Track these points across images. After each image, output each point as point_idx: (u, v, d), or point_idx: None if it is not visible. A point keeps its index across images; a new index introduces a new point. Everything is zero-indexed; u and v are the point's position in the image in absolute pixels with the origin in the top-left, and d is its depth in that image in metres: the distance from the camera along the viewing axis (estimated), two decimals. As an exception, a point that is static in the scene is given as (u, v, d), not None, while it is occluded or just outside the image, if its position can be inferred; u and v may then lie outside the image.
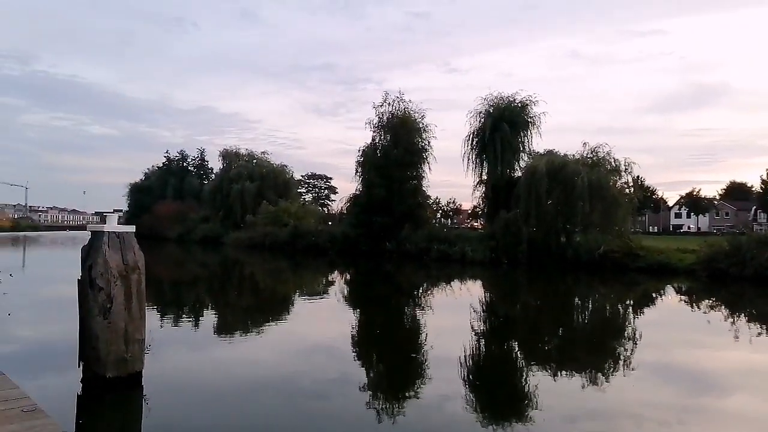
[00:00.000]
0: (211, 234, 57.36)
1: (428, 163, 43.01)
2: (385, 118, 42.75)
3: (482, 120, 39.08)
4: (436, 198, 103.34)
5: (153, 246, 46.29)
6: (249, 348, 10.65)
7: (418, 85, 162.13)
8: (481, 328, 14.08)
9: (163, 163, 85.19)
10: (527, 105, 38.80)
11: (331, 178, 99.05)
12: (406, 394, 7.86)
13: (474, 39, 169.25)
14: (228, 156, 63.80)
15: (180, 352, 10.06)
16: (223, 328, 12.98)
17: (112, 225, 7.21)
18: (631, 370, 9.56)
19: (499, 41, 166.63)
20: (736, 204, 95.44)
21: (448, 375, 8.76)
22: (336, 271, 32.18)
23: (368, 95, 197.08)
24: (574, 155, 34.63)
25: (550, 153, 35.84)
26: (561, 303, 20.30)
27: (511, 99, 39.07)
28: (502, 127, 37.52)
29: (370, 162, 42.46)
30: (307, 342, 11.28)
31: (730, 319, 16.74)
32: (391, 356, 10.61)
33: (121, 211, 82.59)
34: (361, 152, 43.46)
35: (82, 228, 63.92)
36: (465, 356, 10.15)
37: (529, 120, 38.71)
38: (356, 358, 10.36)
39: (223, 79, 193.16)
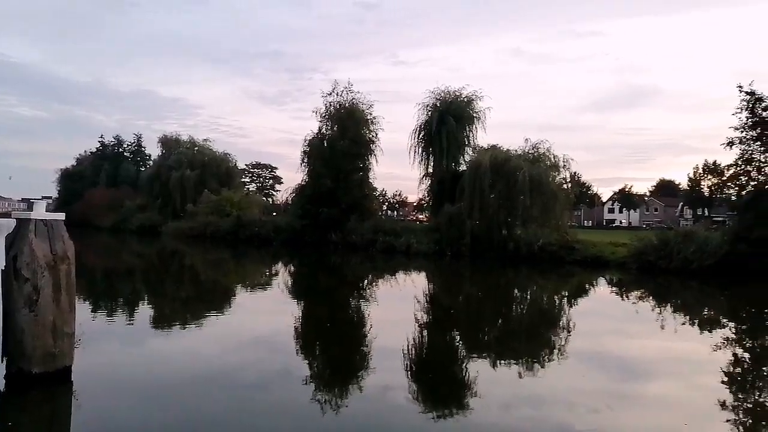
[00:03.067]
0: (149, 223, 55.15)
1: (375, 155, 43.13)
2: (332, 108, 42.41)
3: (429, 113, 39.52)
4: (383, 190, 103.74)
5: (85, 235, 44.10)
6: (188, 341, 10.35)
7: (367, 76, 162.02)
8: (425, 319, 14.30)
9: (97, 148, 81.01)
10: (473, 100, 39.57)
11: (276, 168, 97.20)
12: (350, 386, 7.88)
13: (422, 32, 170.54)
14: (167, 142, 61.36)
15: (114, 346, 9.65)
16: (161, 321, 12.55)
17: (40, 212, 6.80)
18: (565, 358, 9.99)
19: (446, 36, 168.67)
20: (664, 200, 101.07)
21: (391, 365, 8.84)
22: (280, 262, 31.78)
23: (315, 85, 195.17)
24: (516, 151, 35.61)
25: (494, 148, 36.67)
26: (501, 294, 20.91)
27: (458, 94, 39.68)
28: (448, 120, 38.07)
29: (317, 152, 42.05)
30: (250, 334, 11.09)
31: (657, 310, 17.77)
32: (335, 348, 10.60)
33: (50, 198, 78.08)
34: (307, 142, 42.97)
35: (7, 215, 59.96)
36: (408, 347, 10.28)
37: (474, 115, 39.46)
38: (300, 351, 10.28)
39: (164, 62, 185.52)
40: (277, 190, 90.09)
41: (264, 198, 78.29)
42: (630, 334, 12.86)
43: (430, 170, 39.84)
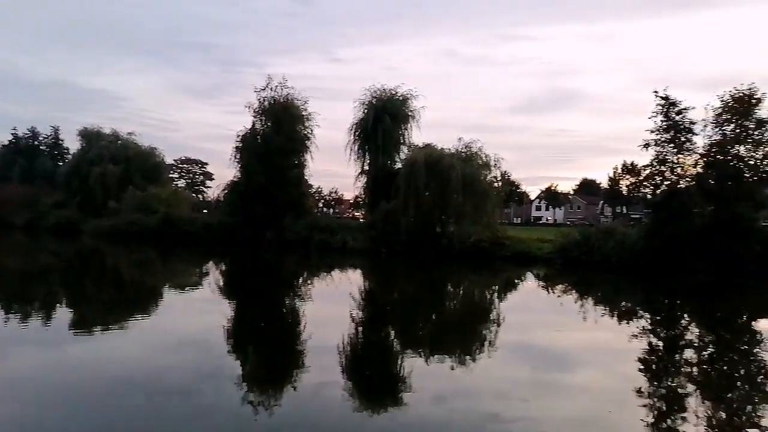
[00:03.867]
0: (67, 221, 51.61)
1: (311, 151, 42.57)
2: (266, 103, 41.47)
3: (366, 111, 39.54)
4: (319, 187, 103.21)
5: (-5, 234, 40.78)
6: (109, 345, 9.79)
7: (302, 72, 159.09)
8: (360, 317, 14.30)
9: (10, 140, 74.98)
10: (408, 99, 39.95)
11: (206, 164, 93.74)
12: (283, 385, 7.73)
13: (358, 30, 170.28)
14: (88, 135, 57.62)
15: (27, 351, 8.98)
16: (80, 324, 11.82)
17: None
18: (496, 351, 10.31)
19: (383, 35, 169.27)
20: (586, 198, 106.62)
21: (325, 363, 8.76)
22: (211, 262, 30.78)
23: (248, 79, 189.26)
24: (450, 149, 36.28)
25: (428, 146, 37.20)
26: (435, 290, 21.29)
27: (394, 92, 39.95)
28: (384, 118, 38.28)
29: (250, 148, 40.99)
30: (177, 336, 10.65)
31: (580, 302, 18.72)
32: (268, 348, 10.38)
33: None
34: (240, 138, 41.76)
35: None
36: (343, 344, 10.24)
37: (409, 113, 39.88)
38: (231, 352, 9.97)
39: (85, 51, 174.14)
40: (208, 187, 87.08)
41: (194, 195, 75.55)
42: (555, 325, 13.44)
43: (367, 168, 39.90)
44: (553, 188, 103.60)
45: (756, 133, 25.77)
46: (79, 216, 51.54)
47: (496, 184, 37.01)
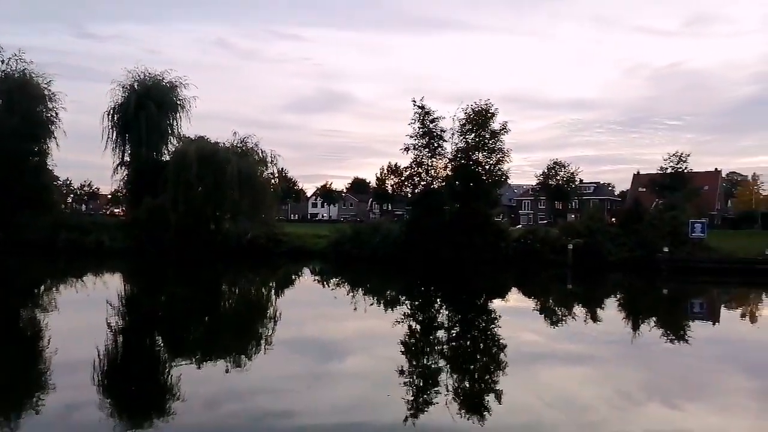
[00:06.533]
0: None
1: (56, 138, 36.41)
2: (-5, 78, 34.37)
3: (126, 95, 35.50)
4: (68, 180, 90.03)
5: None
6: None
7: (44, 45, 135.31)
8: (120, 325, 12.85)
9: None
10: (177, 87, 37.09)
11: None
12: (22, 410, 6.47)
13: (114, 5, 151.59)
14: None
15: None
16: None
17: None
18: (272, 348, 10.30)
19: (141, 13, 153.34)
20: (358, 196, 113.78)
21: (77, 381, 7.65)
22: None
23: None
24: (225, 144, 34.96)
25: (201, 139, 35.20)
26: (208, 291, 20.31)
27: (160, 78, 36.71)
28: (148, 106, 34.86)
29: (-28, 130, 33.43)
30: None
31: (351, 294, 19.88)
32: (-4, 371, 8.59)
33: None
34: (-42, 117, 33.72)
35: None
36: (99, 358, 9.04)
37: (178, 102, 37.08)
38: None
39: None
40: None
41: None
42: (329, 317, 14.03)
43: (127, 159, 35.98)
44: (328, 186, 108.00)
45: (491, 142, 30.56)
46: None
47: (273, 181, 37.00)
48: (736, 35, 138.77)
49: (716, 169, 73.18)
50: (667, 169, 58.08)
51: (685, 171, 57.94)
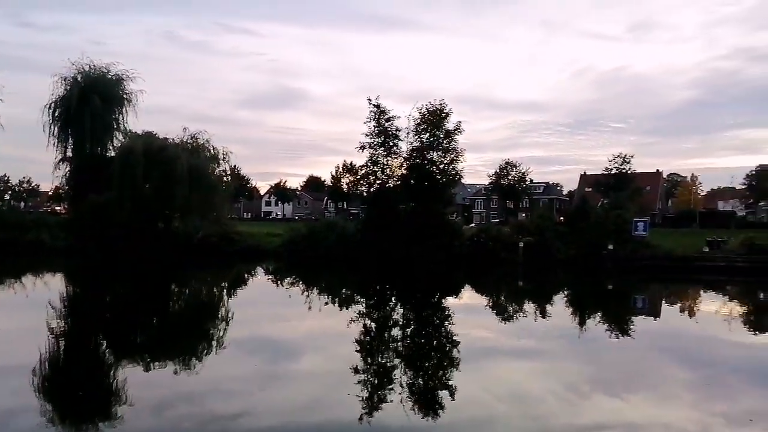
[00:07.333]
0: None
1: (-10, 131, 34.49)
2: None
3: (69, 88, 33.87)
4: (5, 176, 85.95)
5: None
6: None
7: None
8: (62, 328, 12.28)
9: None
10: (123, 80, 35.65)
11: None
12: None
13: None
14: None
15: None
16: None
17: None
18: (223, 349, 10.08)
19: (84, 3, 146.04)
20: (313, 194, 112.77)
21: (15, 386, 7.28)
22: None
23: None
24: (174, 139, 33.86)
25: (149, 135, 34.00)
26: (157, 291, 19.67)
27: (105, 70, 35.22)
28: (93, 99, 33.37)
29: None
30: None
31: (306, 293, 19.70)
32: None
33: None
34: None
35: None
36: (41, 362, 8.61)
37: (125, 96, 35.66)
38: None
39: None
40: None
41: None
42: (283, 317, 13.87)
43: (70, 154, 34.39)
44: (282, 184, 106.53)
45: (445, 141, 30.88)
46: None
47: (225, 178, 36.18)
48: (676, 42, 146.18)
49: (658, 170, 77.02)
50: (612, 169, 60.67)
51: (629, 172, 60.63)
